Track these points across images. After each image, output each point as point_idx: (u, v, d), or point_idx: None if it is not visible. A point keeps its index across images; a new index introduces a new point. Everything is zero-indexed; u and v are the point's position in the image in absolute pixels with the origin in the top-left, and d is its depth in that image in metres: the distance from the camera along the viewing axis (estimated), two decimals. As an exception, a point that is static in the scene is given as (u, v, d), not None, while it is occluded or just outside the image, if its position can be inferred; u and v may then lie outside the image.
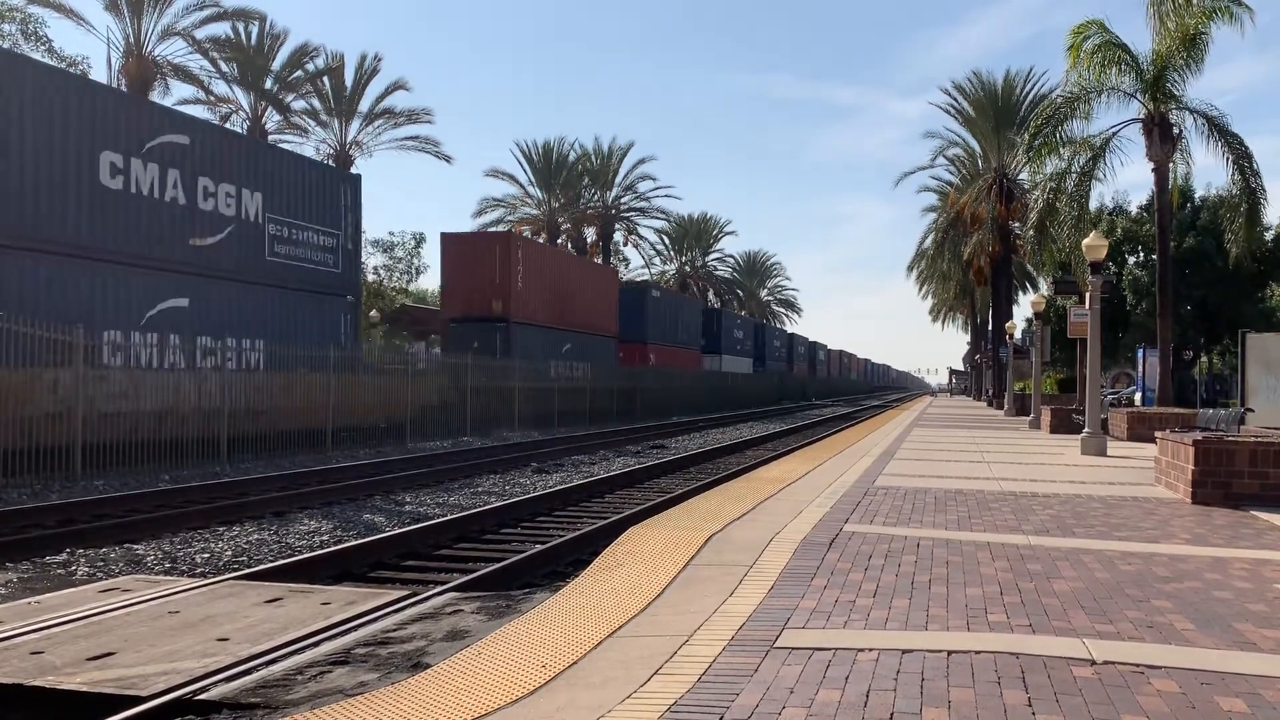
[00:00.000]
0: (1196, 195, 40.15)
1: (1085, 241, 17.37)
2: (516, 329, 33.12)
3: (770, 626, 4.81)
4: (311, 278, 23.59)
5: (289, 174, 23.35)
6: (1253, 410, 15.50)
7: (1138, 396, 33.11)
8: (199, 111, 37.50)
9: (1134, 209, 43.35)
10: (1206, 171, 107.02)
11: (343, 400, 21.73)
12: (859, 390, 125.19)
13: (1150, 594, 5.62)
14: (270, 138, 38.23)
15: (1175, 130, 22.73)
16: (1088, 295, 17.55)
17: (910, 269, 59.31)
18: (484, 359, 28.81)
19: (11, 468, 14.21)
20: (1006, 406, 36.86)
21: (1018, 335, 39.82)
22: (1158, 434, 12.10)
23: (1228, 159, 22.55)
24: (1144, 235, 40.12)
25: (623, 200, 62.75)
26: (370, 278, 45.03)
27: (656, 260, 75.28)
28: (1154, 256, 31.78)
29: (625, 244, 64.96)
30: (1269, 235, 35.64)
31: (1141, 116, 22.66)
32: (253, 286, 21.37)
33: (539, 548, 9.80)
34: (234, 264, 20.95)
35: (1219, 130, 22.46)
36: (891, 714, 3.59)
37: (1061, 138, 23.33)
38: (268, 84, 38.22)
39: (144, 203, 18.71)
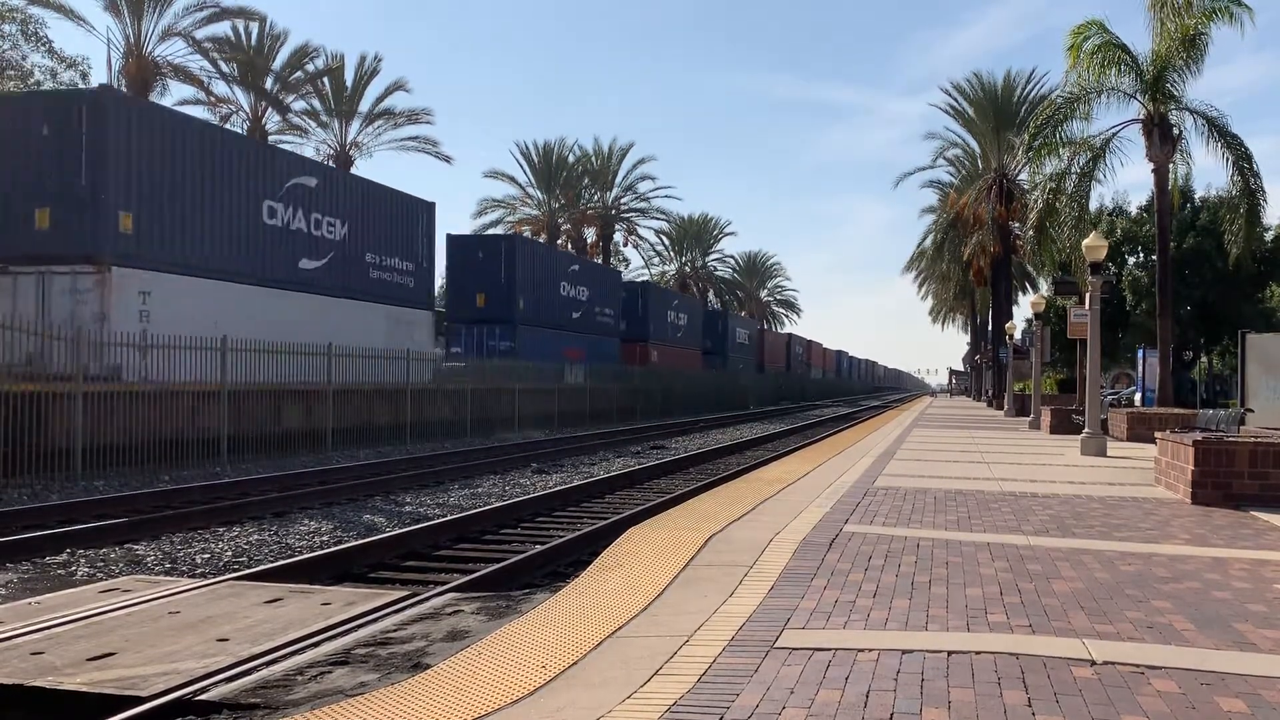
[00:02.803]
0: (1196, 196, 40.18)
1: (1085, 242, 17.37)
2: None
3: (770, 627, 4.82)
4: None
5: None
6: (1253, 411, 15.47)
7: (1138, 397, 33.11)
8: (199, 112, 37.56)
9: (1134, 209, 43.40)
10: (1206, 172, 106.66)
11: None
12: (826, 394, 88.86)
13: (1150, 594, 5.62)
14: (270, 138, 38.24)
15: (1175, 131, 22.74)
16: (1087, 296, 17.55)
17: (909, 268, 59.46)
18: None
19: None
20: (1006, 407, 36.86)
21: (1018, 336, 39.81)
22: (1157, 434, 12.10)
23: (1227, 159, 22.56)
24: (1144, 236, 40.15)
25: (623, 201, 62.81)
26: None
27: (656, 260, 75.33)
28: (1154, 257, 31.78)
29: (625, 244, 65.02)
30: (1269, 235, 35.65)
31: (1141, 117, 22.66)
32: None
33: (539, 548, 9.81)
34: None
35: (1219, 131, 22.47)
36: (891, 714, 3.60)
37: (1061, 138, 23.34)
38: (268, 84, 38.22)
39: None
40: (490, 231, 54.73)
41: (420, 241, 28.38)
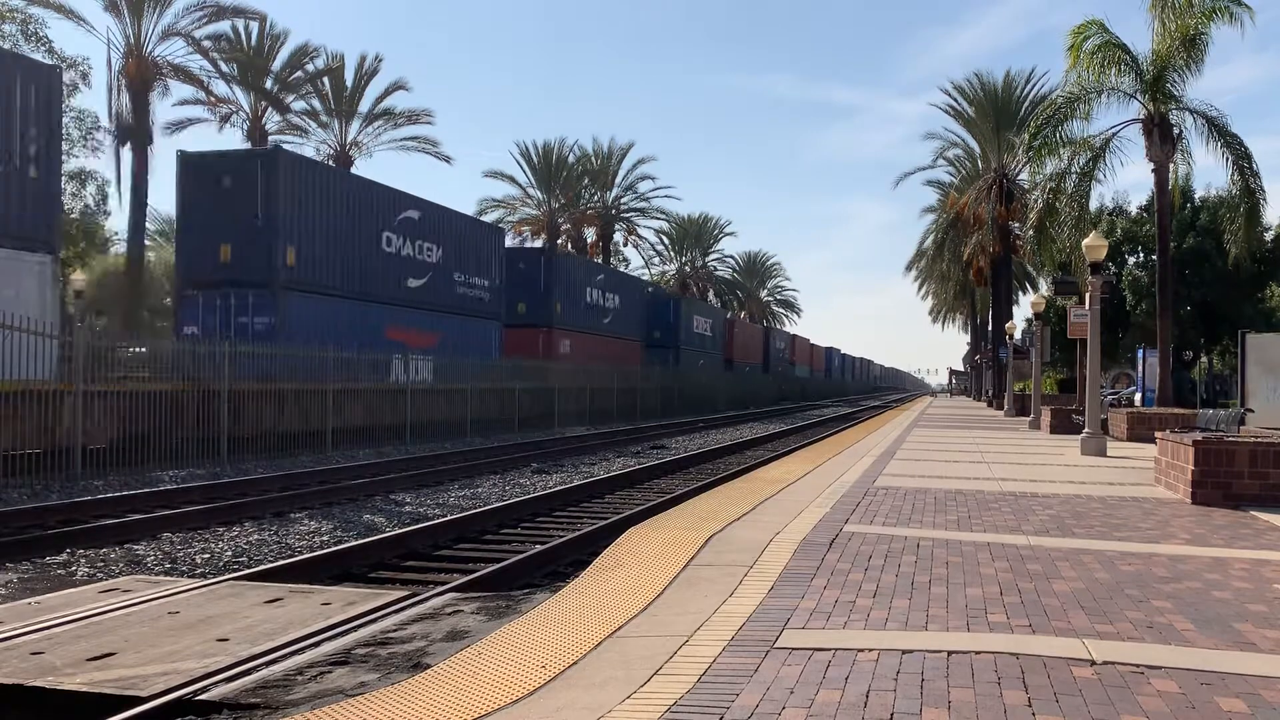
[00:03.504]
0: (1196, 195, 40.21)
1: (1085, 242, 17.39)
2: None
3: (770, 627, 4.81)
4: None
5: None
6: (1253, 410, 15.48)
7: (1138, 397, 33.11)
8: (199, 112, 37.63)
9: (1134, 209, 43.45)
10: (1206, 172, 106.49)
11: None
12: (814, 395, 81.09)
13: (1150, 594, 5.62)
14: (270, 138, 38.27)
15: (1175, 130, 22.75)
16: (1087, 295, 17.56)
17: (909, 268, 59.56)
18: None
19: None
20: (1006, 407, 36.88)
21: (1018, 335, 39.85)
22: (1157, 434, 12.10)
23: (1227, 159, 22.58)
24: (1144, 235, 40.17)
25: (623, 200, 62.86)
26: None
27: (656, 260, 75.34)
28: (1154, 257, 31.80)
29: (625, 244, 65.05)
30: (1269, 235, 35.68)
31: (1141, 117, 22.67)
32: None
33: (539, 548, 9.81)
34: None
35: (1218, 130, 22.47)
36: (891, 714, 3.60)
37: (1061, 138, 23.35)
38: (268, 84, 38.26)
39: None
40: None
41: (16, 125, 16.85)
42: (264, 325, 22.20)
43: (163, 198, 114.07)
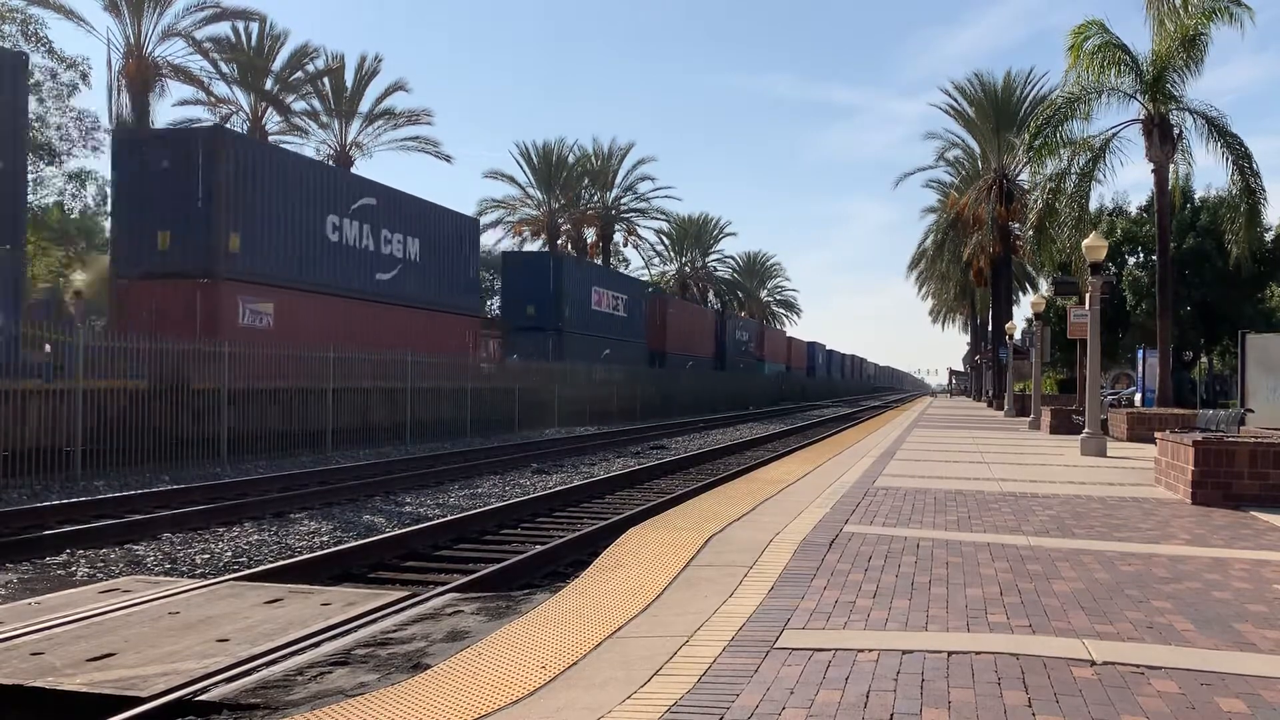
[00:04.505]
0: (1196, 196, 40.20)
1: (1085, 242, 17.39)
2: None
3: (770, 627, 4.82)
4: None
5: None
6: (1253, 411, 15.46)
7: (1138, 397, 33.11)
8: (199, 113, 37.59)
9: (1134, 210, 43.44)
10: (1206, 172, 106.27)
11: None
12: (789, 397, 68.42)
13: (1150, 594, 5.62)
14: (271, 138, 38.24)
15: (1175, 131, 22.74)
16: (1087, 296, 17.57)
17: (910, 268, 59.52)
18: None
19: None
20: (1006, 407, 36.87)
21: (1018, 336, 39.82)
22: (1157, 435, 12.10)
23: (1227, 159, 22.57)
24: (1144, 236, 40.16)
25: (623, 201, 62.78)
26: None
27: (656, 261, 75.26)
28: (1154, 257, 31.77)
29: (625, 245, 65.00)
30: (1269, 235, 35.64)
31: (1141, 117, 22.67)
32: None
33: (539, 548, 9.81)
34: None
35: (1218, 131, 22.47)
36: (891, 714, 3.60)
37: (1061, 138, 23.34)
38: (268, 85, 38.24)
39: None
40: (492, 236, 54.04)
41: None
42: None
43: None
